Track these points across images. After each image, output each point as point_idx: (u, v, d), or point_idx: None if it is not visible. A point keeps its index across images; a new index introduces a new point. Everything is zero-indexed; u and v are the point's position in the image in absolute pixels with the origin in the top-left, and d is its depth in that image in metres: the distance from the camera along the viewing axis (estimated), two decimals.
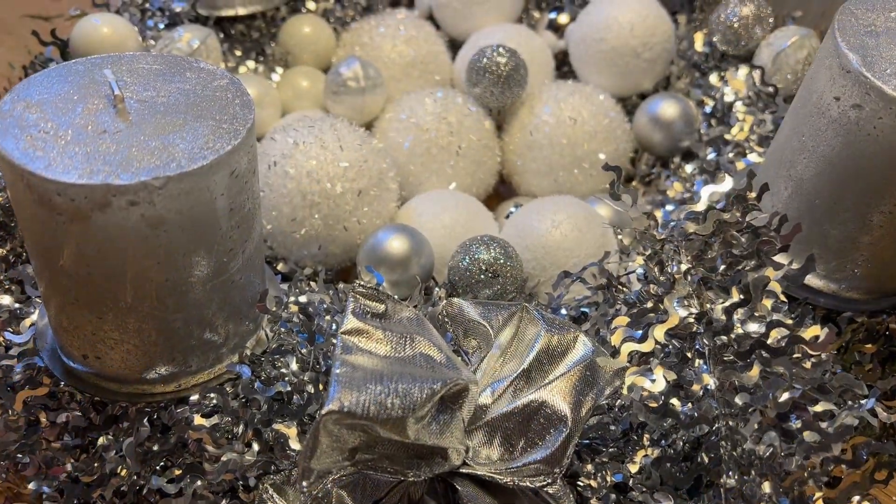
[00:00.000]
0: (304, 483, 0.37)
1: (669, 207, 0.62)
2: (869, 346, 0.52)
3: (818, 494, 0.44)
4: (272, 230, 0.56)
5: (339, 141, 0.56)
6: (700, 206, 0.47)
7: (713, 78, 0.69)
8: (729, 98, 0.67)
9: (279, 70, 0.74)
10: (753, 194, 0.47)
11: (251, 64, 0.72)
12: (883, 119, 0.44)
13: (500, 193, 0.71)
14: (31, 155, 0.38)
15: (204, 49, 0.65)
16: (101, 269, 0.40)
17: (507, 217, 0.65)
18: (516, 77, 0.64)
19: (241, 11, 0.71)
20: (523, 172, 0.67)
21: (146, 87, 0.43)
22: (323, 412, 0.37)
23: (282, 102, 0.70)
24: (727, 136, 0.65)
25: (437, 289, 0.55)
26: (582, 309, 0.53)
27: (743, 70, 0.69)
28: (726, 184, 0.47)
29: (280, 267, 0.58)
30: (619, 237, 0.47)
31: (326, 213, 0.55)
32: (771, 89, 0.66)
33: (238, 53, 0.72)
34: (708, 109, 0.69)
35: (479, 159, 0.65)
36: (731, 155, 0.63)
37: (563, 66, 0.75)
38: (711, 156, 0.65)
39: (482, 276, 0.53)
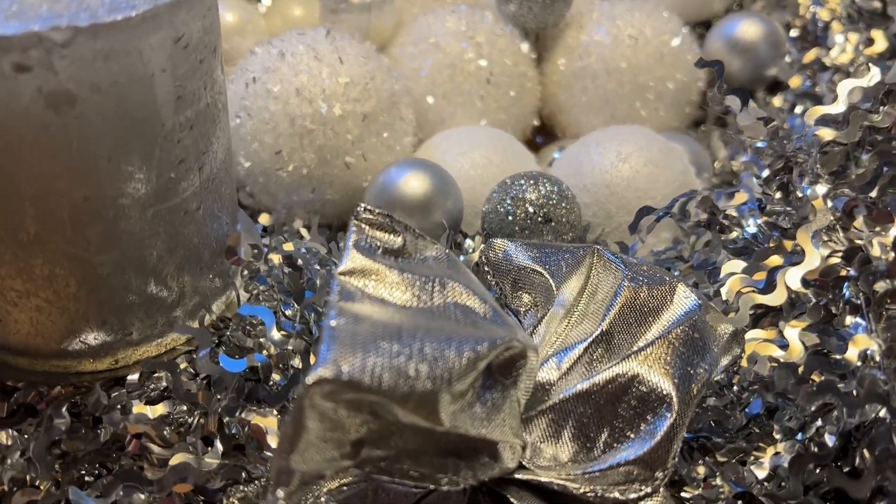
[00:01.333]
0: (281, 492, 0.24)
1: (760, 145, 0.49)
2: None
3: None
4: (251, 168, 0.43)
5: (337, 53, 0.43)
6: (838, 108, 0.34)
7: None
8: (823, 17, 0.54)
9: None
10: None
11: None
12: None
13: (536, 145, 0.58)
14: None
15: None
16: None
17: (551, 165, 0.52)
18: None
19: None
20: (570, 108, 0.53)
21: None
22: (309, 381, 0.23)
23: (269, 34, 0.57)
24: (825, 61, 0.52)
25: (468, 240, 0.42)
26: (666, 265, 0.40)
27: None
28: (871, 76, 0.34)
29: (262, 220, 0.44)
30: (719, 152, 0.34)
31: (322, 145, 0.42)
32: (877, 3, 0.53)
33: None
34: (795, 34, 0.56)
35: (515, 90, 0.52)
36: (832, 83, 0.50)
37: None
38: (806, 84, 0.52)
39: (529, 222, 0.40)
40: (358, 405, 0.25)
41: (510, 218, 0.41)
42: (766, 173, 0.35)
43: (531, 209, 0.40)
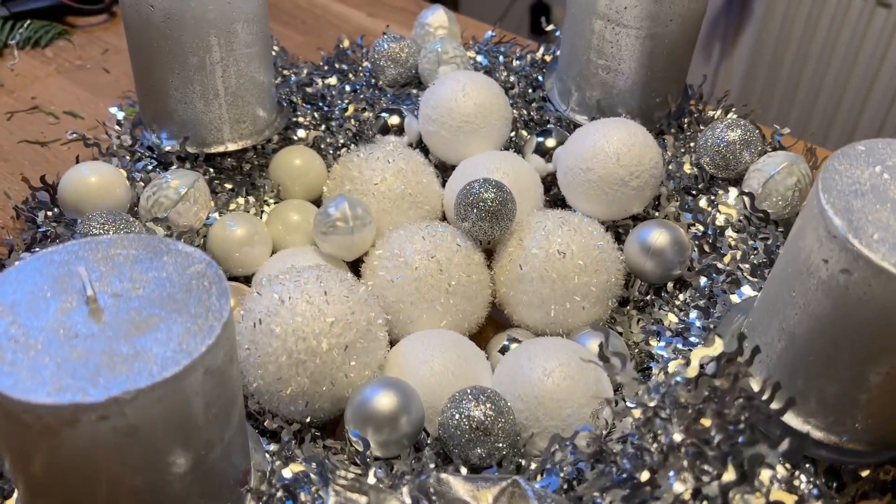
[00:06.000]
0: None
1: (662, 343, 0.61)
2: (877, 501, 0.50)
3: None
4: (258, 387, 0.55)
5: (324, 294, 0.55)
6: (691, 372, 0.46)
7: (703, 202, 0.69)
8: (720, 223, 0.67)
9: (271, 202, 0.74)
10: (744, 358, 0.46)
11: (241, 200, 0.71)
12: (872, 286, 0.43)
13: (494, 319, 0.70)
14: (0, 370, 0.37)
15: (192, 193, 0.65)
16: (73, 476, 0.39)
17: (501, 351, 0.64)
18: (504, 212, 0.64)
19: (232, 147, 0.71)
20: (515, 305, 0.66)
21: (122, 278, 0.43)
22: None
23: (272, 238, 0.70)
24: (719, 265, 0.64)
25: (426, 449, 0.53)
26: (579, 465, 0.51)
27: (733, 193, 0.68)
28: (717, 347, 0.46)
29: (267, 423, 0.56)
30: (609, 406, 0.46)
31: (313, 371, 0.54)
32: (762, 214, 0.65)
33: (229, 187, 0.72)
34: (698, 232, 0.68)
35: (469, 295, 0.64)
36: (724, 284, 0.62)
37: (553, 188, 0.75)
38: (704, 283, 0.64)
39: (472, 435, 0.52)
40: None
41: (458, 432, 0.53)
42: (638, 413, 0.47)
43: (474, 424, 0.52)
